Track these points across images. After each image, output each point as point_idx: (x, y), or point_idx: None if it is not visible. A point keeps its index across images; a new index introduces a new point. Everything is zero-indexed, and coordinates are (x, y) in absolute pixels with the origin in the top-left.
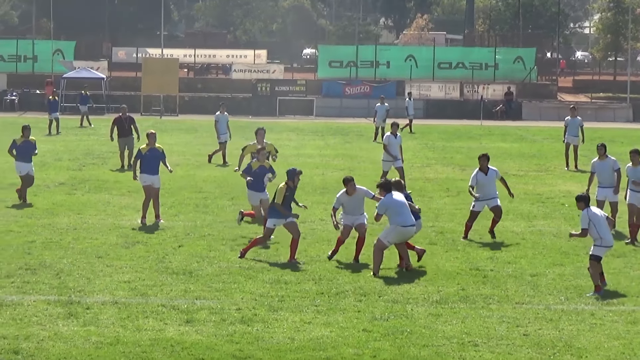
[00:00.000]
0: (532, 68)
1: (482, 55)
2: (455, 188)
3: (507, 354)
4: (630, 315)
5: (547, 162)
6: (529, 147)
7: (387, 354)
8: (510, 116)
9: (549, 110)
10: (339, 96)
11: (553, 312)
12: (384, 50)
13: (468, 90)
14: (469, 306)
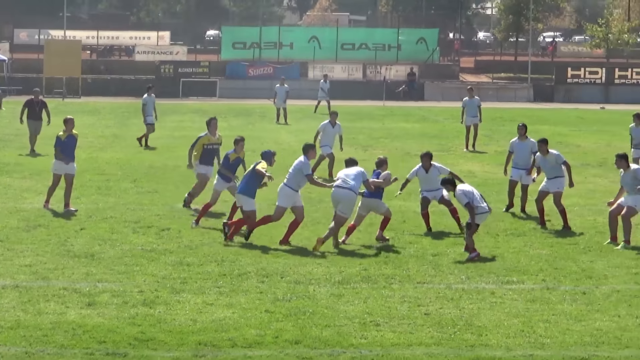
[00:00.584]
0: (435, 49)
1: (385, 36)
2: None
3: (408, 333)
4: (530, 293)
5: (448, 142)
6: (431, 127)
7: (289, 334)
8: (412, 97)
9: (451, 90)
10: (243, 77)
11: (454, 291)
12: (287, 31)
13: (371, 71)
14: (370, 286)
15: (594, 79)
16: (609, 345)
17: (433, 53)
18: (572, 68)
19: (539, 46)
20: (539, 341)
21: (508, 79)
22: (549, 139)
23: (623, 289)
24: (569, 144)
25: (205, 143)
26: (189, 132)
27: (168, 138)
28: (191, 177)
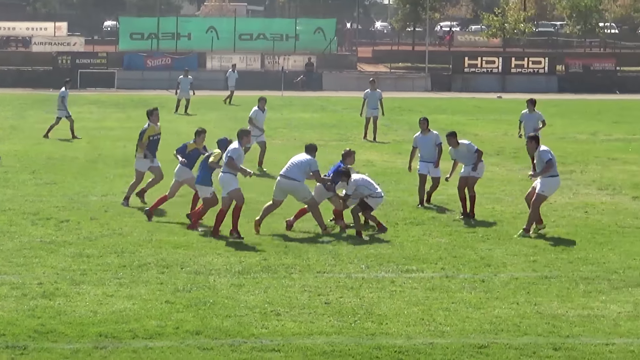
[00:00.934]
0: (332, 39)
1: (283, 26)
2: (256, 158)
3: (309, 322)
4: (429, 281)
5: (347, 132)
6: (329, 117)
7: (189, 325)
8: (311, 87)
9: (349, 80)
10: (141, 68)
11: (354, 280)
12: (185, 22)
13: (269, 62)
14: (271, 276)
15: (490, 68)
16: (507, 332)
17: (331, 43)
18: (469, 57)
19: (436, 36)
20: (439, 329)
21: (406, 69)
22: (446, 128)
23: (521, 276)
24: (466, 133)
25: (150, 134)
26: (87, 124)
27: (67, 130)
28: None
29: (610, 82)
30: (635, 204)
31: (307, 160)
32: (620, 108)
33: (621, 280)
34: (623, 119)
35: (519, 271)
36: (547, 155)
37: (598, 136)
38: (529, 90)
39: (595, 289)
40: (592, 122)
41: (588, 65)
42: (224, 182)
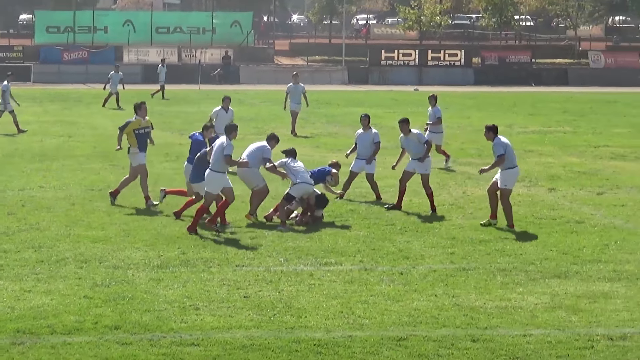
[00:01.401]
0: (249, 32)
1: (200, 19)
2: (174, 153)
3: (228, 316)
4: (348, 274)
5: (264, 125)
6: (247, 111)
7: (108, 320)
8: (228, 80)
9: (266, 73)
10: (57, 62)
11: (273, 274)
12: (101, 15)
13: (186, 55)
14: (189, 270)
15: (407, 61)
16: (426, 324)
17: (248, 36)
18: (386, 50)
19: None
20: (358, 322)
21: (323, 62)
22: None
23: (439, 268)
24: (384, 126)
25: (135, 127)
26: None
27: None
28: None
29: (525, 75)
30: (551, 196)
31: (261, 146)
32: (535, 100)
33: (538, 271)
34: (538, 111)
35: (437, 263)
36: (500, 150)
37: (514, 128)
38: (445, 82)
39: (512, 281)
40: (508, 115)
41: (504, 58)
42: (214, 181)
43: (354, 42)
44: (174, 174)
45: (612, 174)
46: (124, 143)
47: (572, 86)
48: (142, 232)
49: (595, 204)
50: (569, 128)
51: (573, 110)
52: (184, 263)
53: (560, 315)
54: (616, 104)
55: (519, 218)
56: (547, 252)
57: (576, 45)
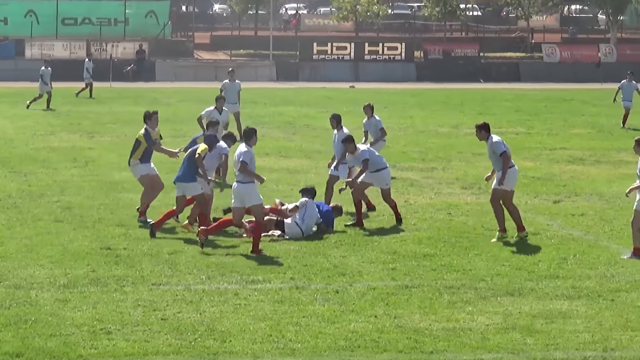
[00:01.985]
0: (166, 23)
1: (111, 9)
2: (83, 158)
3: (143, 341)
4: (277, 293)
5: (183, 127)
6: (163, 110)
7: (9, 346)
8: (142, 77)
9: (185, 69)
10: None
11: (193, 293)
12: (1, 5)
13: (96, 49)
14: (100, 289)
15: (342, 55)
16: (365, 349)
17: (164, 28)
18: (318, 43)
19: (282, 19)
20: (289, 346)
21: (248, 56)
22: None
23: (379, 286)
24: (316, 127)
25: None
26: None
27: None
28: None
29: (473, 70)
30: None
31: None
32: (484, 98)
33: (489, 288)
34: (488, 110)
35: (377, 280)
36: (502, 147)
37: (461, 129)
38: (384, 79)
39: (460, 299)
40: (454, 114)
41: (449, 52)
42: (244, 194)
43: (282, 34)
44: (81, 181)
45: (569, 179)
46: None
47: (524, 82)
48: (47, 248)
49: (551, 213)
50: (522, 129)
51: (526, 109)
52: (94, 282)
53: (514, 337)
54: (573, 102)
55: (468, 230)
56: (499, 267)
57: (528, 37)
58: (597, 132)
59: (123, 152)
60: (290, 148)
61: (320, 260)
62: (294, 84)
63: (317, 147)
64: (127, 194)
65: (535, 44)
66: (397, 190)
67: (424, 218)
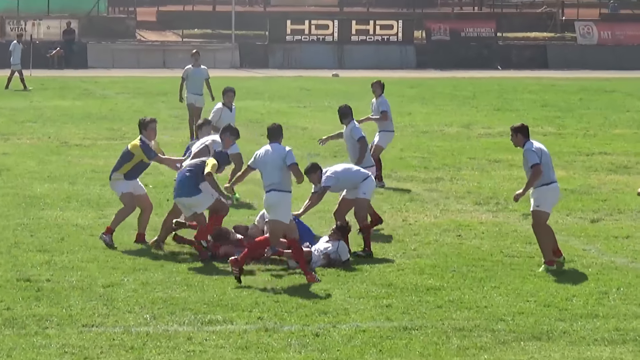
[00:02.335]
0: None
1: None
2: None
3: None
4: (241, 337)
5: (122, 126)
6: (98, 105)
7: None
8: (71, 63)
9: (125, 54)
10: None
11: (135, 337)
12: None
13: (12, 28)
14: (16, 332)
15: (322, 36)
16: None
17: (99, 2)
18: (292, 21)
19: None
20: None
21: (204, 37)
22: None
23: (370, 327)
24: (290, 126)
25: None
26: None
27: None
28: None
29: (488, 54)
30: (526, 224)
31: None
32: (502, 90)
33: (510, 331)
34: (507, 104)
35: (368, 320)
36: (534, 158)
37: (473, 129)
38: (376, 65)
39: (473, 345)
40: (464, 110)
41: (458, 31)
42: (285, 206)
43: (247, 9)
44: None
45: (611, 192)
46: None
47: (553, 70)
48: None
49: (588, 235)
50: (551, 128)
51: (556, 104)
52: (9, 322)
53: None
54: (615, 95)
55: (482, 256)
56: (522, 304)
57: (558, 13)
58: None
59: (46, 159)
60: None
61: (296, 294)
62: (262, 71)
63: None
64: (51, 211)
65: (566, 22)
66: (393, 206)
67: (427, 241)
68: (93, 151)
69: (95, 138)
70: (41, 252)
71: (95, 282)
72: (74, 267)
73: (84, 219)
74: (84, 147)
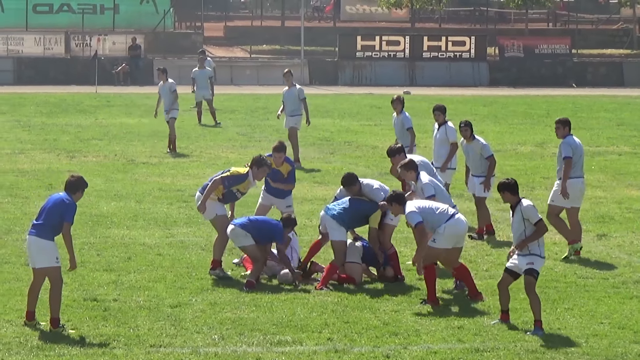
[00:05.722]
0: (168, 11)
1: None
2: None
3: None
4: (311, 358)
5: (191, 144)
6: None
7: None
8: (137, 80)
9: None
10: None
11: (203, 358)
12: None
13: (77, 44)
14: (83, 352)
15: (393, 52)
16: None
17: (165, 17)
18: (362, 37)
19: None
20: None
21: (273, 53)
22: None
23: (442, 349)
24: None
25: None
26: None
27: None
28: None
29: (562, 71)
30: (601, 245)
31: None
32: (577, 108)
33: (583, 353)
34: (582, 122)
35: (439, 342)
36: (567, 151)
37: (547, 148)
38: (448, 82)
39: None
40: (538, 129)
41: (531, 48)
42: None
43: (317, 25)
44: None
45: None
46: None
47: (629, 87)
48: (15, 299)
49: None
50: (627, 147)
51: (632, 122)
52: (76, 343)
53: None
54: None
55: (556, 277)
56: (596, 326)
57: (634, 29)
58: None
59: (112, 177)
60: (328, 172)
61: (367, 315)
62: (331, 88)
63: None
64: (117, 230)
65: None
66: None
67: (499, 262)
68: (160, 169)
69: (162, 156)
70: (108, 271)
71: (162, 302)
72: (141, 287)
73: (150, 238)
74: (151, 165)
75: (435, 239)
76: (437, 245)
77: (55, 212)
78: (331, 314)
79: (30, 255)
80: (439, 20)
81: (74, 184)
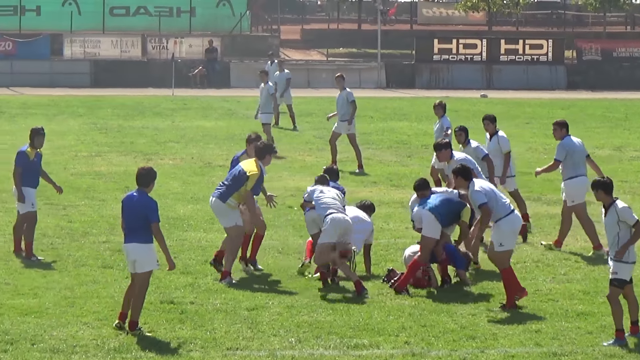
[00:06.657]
0: (244, 14)
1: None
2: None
3: None
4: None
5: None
6: (241, 126)
7: None
8: (214, 82)
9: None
10: None
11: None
12: None
13: (154, 47)
14: (161, 355)
15: (470, 55)
16: None
17: (241, 20)
18: (439, 40)
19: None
20: None
21: (350, 56)
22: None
23: (519, 353)
24: None
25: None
26: None
27: None
28: None
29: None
30: None
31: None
32: None
33: None
34: None
35: (516, 346)
36: (560, 154)
37: (626, 152)
38: (525, 86)
39: None
40: (616, 132)
41: (610, 51)
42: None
43: (393, 28)
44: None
45: None
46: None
47: None
48: (93, 301)
49: None
50: None
51: None
52: (153, 345)
53: None
54: None
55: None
56: None
57: None
58: None
59: (189, 180)
60: (405, 175)
61: (444, 319)
62: (408, 92)
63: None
64: (194, 233)
65: None
66: (543, 229)
67: (577, 267)
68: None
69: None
70: (185, 274)
71: (239, 305)
72: (218, 290)
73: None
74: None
75: (501, 242)
76: (506, 247)
77: (140, 215)
78: (408, 318)
79: (131, 262)
80: (516, 23)
81: (144, 176)
